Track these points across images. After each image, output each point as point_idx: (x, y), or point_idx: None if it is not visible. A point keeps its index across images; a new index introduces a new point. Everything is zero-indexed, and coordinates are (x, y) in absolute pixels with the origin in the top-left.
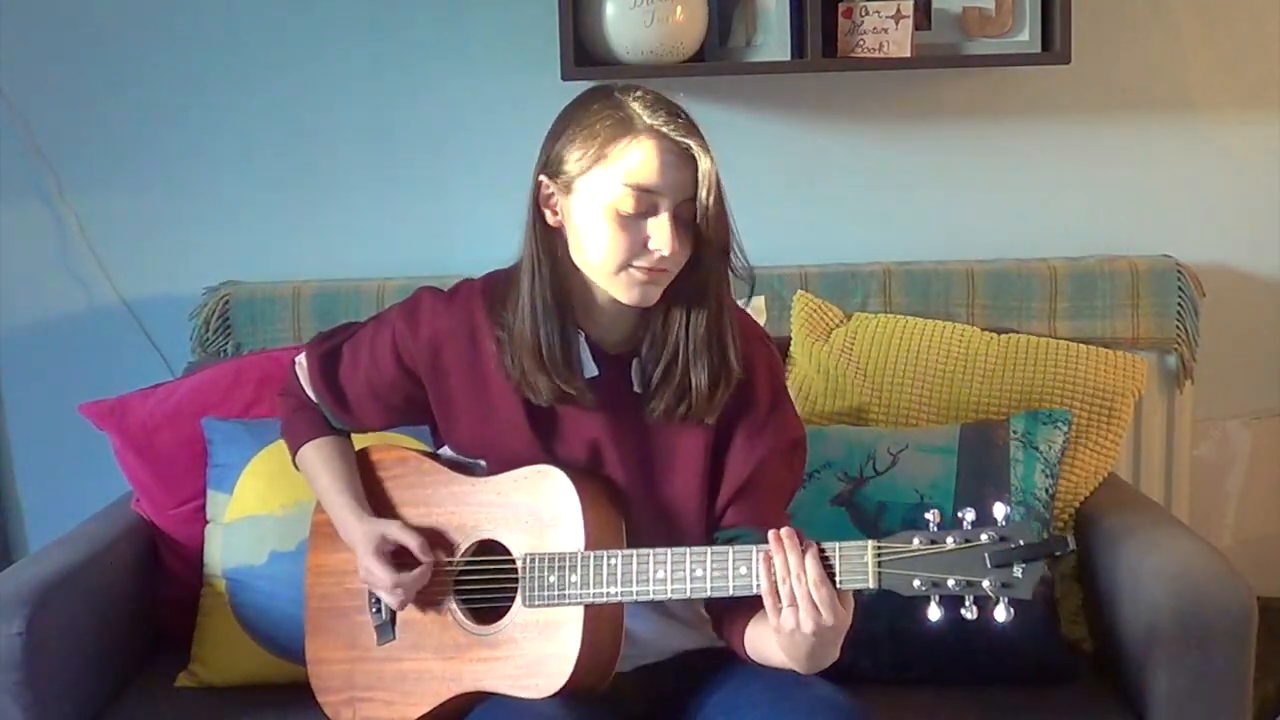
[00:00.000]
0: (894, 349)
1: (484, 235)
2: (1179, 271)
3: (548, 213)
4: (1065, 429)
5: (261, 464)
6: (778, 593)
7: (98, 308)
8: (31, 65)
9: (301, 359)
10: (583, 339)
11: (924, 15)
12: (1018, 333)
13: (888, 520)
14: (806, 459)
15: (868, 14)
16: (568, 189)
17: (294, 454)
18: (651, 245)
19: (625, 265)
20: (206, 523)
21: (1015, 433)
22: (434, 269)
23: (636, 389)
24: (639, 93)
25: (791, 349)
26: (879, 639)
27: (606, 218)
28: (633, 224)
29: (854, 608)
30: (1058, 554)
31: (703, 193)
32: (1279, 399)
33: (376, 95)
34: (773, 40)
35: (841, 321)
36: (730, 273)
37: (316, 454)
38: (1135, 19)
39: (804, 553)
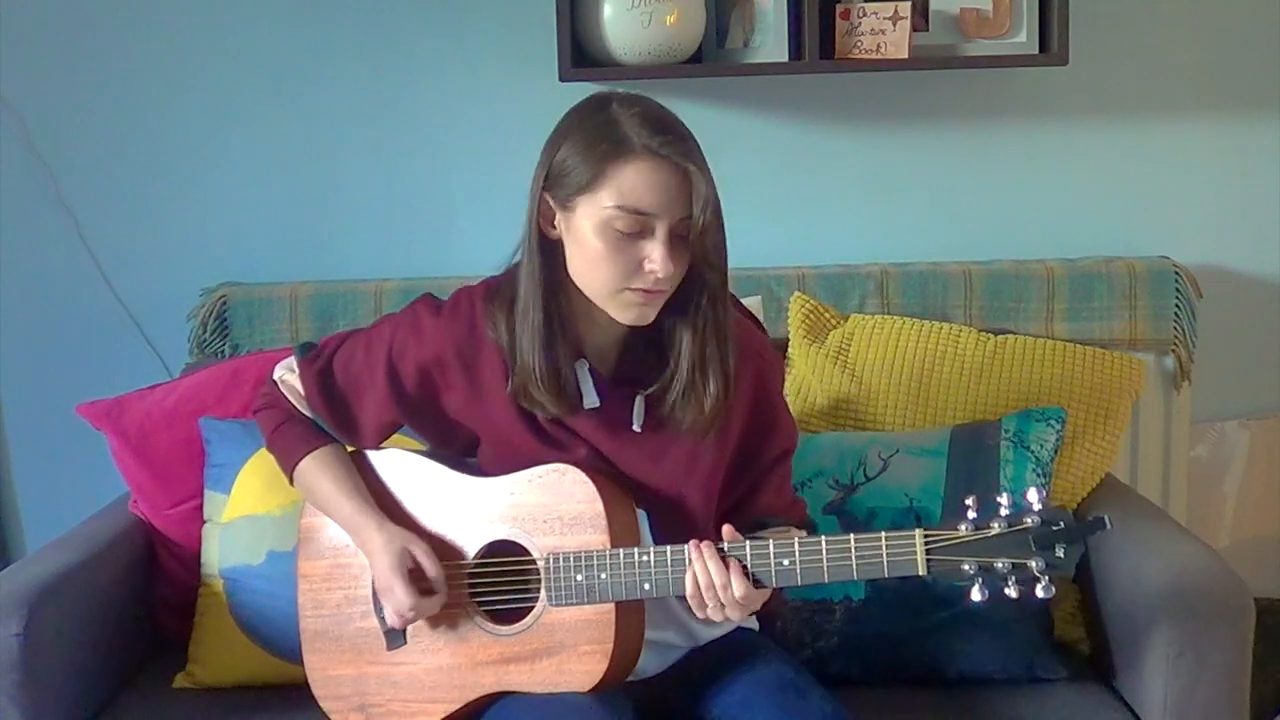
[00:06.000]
0: (890, 351)
1: (482, 236)
2: (1176, 273)
3: (547, 226)
4: (1058, 426)
5: (259, 463)
6: (701, 596)
7: (95, 309)
8: (30, 67)
9: (284, 375)
10: (586, 369)
11: (921, 16)
12: (1015, 334)
13: (877, 526)
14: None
15: (865, 15)
16: (566, 206)
17: (290, 469)
18: (647, 267)
19: (622, 287)
20: (204, 523)
21: (1006, 433)
22: (432, 270)
23: (636, 428)
24: (637, 109)
25: (789, 351)
26: (867, 644)
27: (603, 239)
28: (628, 244)
29: (843, 614)
30: (1096, 533)
31: (698, 212)
32: (1276, 400)
33: (374, 96)
34: (770, 41)
35: (839, 323)
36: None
37: (316, 464)
38: (1132, 20)
39: (726, 568)
